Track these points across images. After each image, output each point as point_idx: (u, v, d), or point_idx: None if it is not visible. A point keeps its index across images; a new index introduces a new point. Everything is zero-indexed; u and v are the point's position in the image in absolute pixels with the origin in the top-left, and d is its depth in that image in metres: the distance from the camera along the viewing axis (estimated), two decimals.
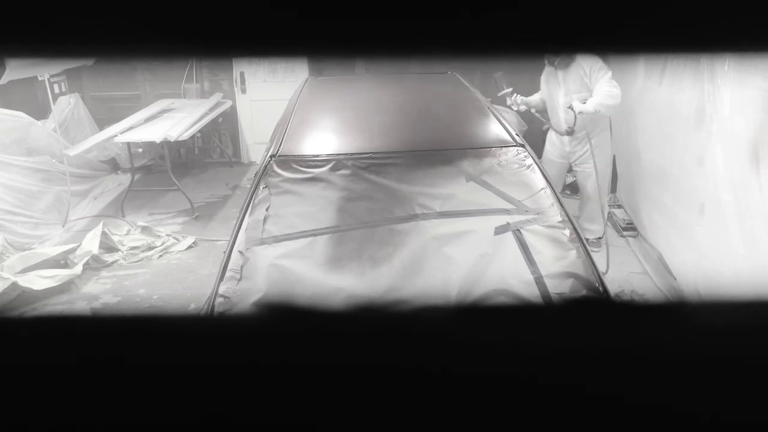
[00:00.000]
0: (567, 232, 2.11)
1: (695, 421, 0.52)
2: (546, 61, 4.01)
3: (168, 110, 5.95)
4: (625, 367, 0.54)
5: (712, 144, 3.09)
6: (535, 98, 4.25)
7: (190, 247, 4.58)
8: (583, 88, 3.84)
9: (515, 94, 4.13)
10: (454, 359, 0.54)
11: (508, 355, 0.55)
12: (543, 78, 4.15)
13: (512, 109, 4.25)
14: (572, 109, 3.81)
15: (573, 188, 5.24)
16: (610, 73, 3.73)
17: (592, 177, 3.99)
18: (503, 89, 4.11)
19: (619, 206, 4.87)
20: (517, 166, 2.35)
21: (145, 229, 4.72)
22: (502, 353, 0.55)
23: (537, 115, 4.26)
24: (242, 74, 6.74)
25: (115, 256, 4.35)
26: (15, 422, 0.51)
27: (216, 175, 6.51)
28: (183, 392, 0.53)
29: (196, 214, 5.21)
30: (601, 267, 3.78)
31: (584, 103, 3.78)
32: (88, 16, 0.47)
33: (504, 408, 0.52)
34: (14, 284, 3.63)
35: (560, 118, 4.02)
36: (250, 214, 2.17)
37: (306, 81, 3.91)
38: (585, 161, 4.04)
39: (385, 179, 2.27)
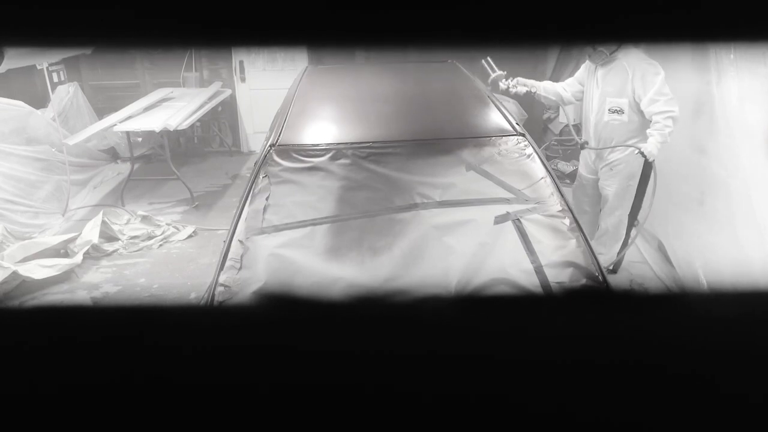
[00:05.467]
0: (567, 221, 2.11)
1: (693, 411, 0.53)
2: (587, 56, 3.49)
3: (167, 99, 5.93)
4: (623, 356, 0.54)
5: (718, 133, 3.08)
6: (538, 82, 3.75)
7: (190, 236, 4.58)
8: (622, 93, 3.31)
9: (511, 77, 3.66)
10: (454, 348, 0.54)
11: (508, 344, 0.55)
12: (580, 73, 3.65)
13: (510, 93, 3.74)
14: (642, 154, 3.23)
15: (572, 177, 5.24)
16: (658, 81, 3.17)
17: (613, 187, 3.53)
18: (495, 72, 3.64)
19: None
20: (517, 155, 2.34)
21: (145, 219, 4.72)
22: (501, 342, 0.55)
23: (542, 99, 3.81)
24: (241, 63, 6.71)
25: (115, 245, 4.36)
26: (15, 412, 0.51)
27: (215, 164, 6.50)
28: (183, 381, 0.53)
29: (196, 203, 5.21)
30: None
31: (619, 111, 3.34)
32: (87, 4, 0.46)
33: (503, 399, 0.53)
34: (14, 273, 3.64)
35: (590, 122, 3.53)
36: (250, 203, 2.17)
37: (305, 70, 3.89)
38: (608, 177, 3.55)
39: (385, 168, 2.26)
